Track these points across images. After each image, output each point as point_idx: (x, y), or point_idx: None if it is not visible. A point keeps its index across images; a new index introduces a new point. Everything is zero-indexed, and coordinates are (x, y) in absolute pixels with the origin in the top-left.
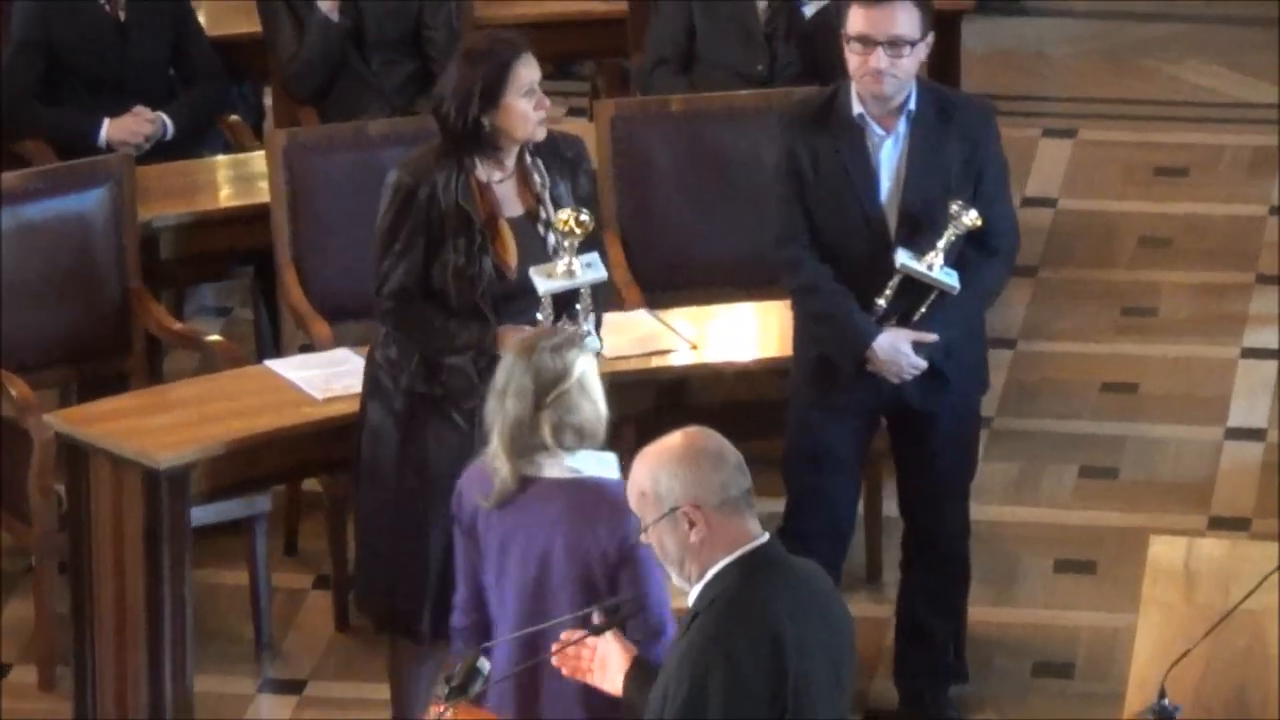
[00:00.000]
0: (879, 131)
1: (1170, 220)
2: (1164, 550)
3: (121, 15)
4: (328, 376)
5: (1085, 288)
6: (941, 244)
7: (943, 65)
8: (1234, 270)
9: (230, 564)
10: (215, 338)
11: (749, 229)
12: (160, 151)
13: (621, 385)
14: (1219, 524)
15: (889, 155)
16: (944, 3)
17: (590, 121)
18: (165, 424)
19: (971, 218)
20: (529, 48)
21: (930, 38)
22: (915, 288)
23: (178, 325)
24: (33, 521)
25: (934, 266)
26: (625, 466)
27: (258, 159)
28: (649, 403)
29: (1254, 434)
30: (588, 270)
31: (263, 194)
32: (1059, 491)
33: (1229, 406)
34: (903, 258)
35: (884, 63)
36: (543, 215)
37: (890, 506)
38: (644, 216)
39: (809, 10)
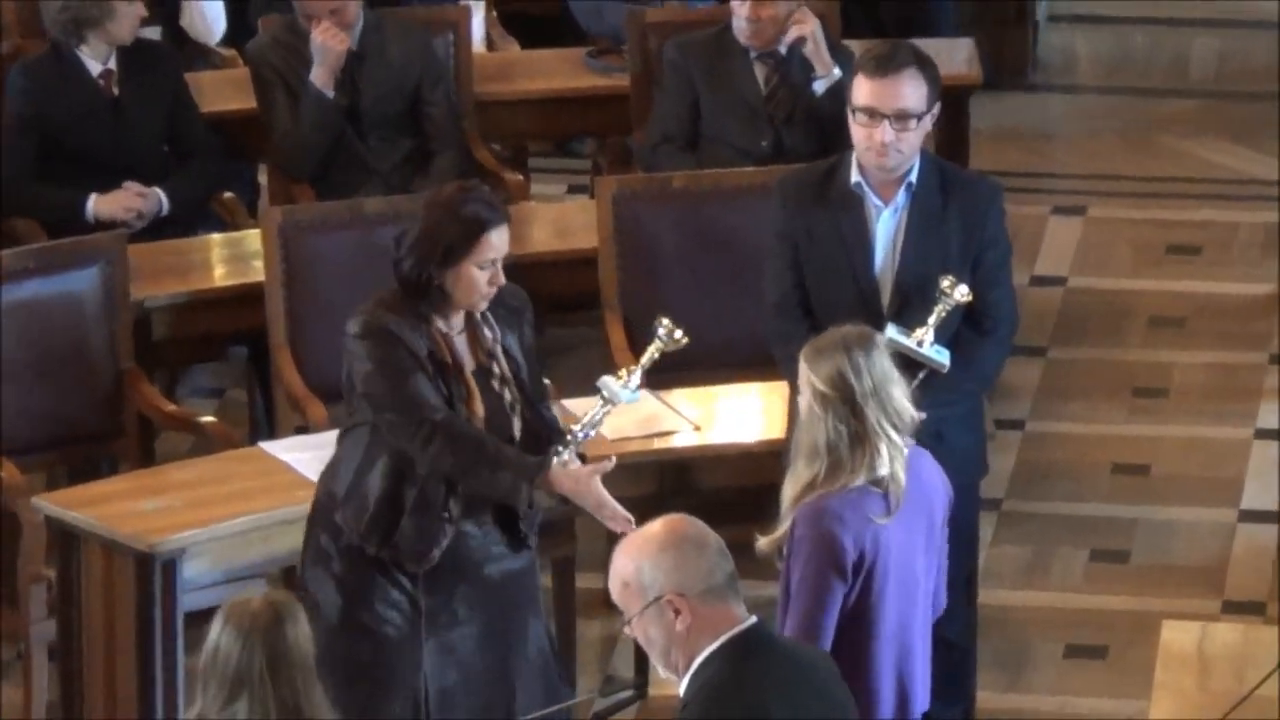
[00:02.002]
0: (877, 202)
1: (1182, 299)
2: (1177, 635)
3: (116, 90)
4: (323, 458)
5: (1096, 368)
6: (932, 320)
7: (951, 143)
8: (1247, 350)
9: None
10: (209, 419)
11: (754, 308)
12: (154, 230)
13: (624, 467)
14: (1233, 609)
15: (886, 227)
16: (952, 80)
17: (591, 199)
18: (158, 507)
19: (962, 293)
20: (508, 218)
21: (936, 109)
22: (905, 365)
23: (171, 407)
24: (22, 607)
25: (924, 343)
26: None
27: (253, 237)
28: (652, 485)
29: (1268, 516)
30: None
31: (258, 273)
32: (1070, 575)
33: (1243, 488)
34: (891, 332)
35: (889, 136)
36: (495, 370)
37: None
38: (646, 295)
39: (820, 87)
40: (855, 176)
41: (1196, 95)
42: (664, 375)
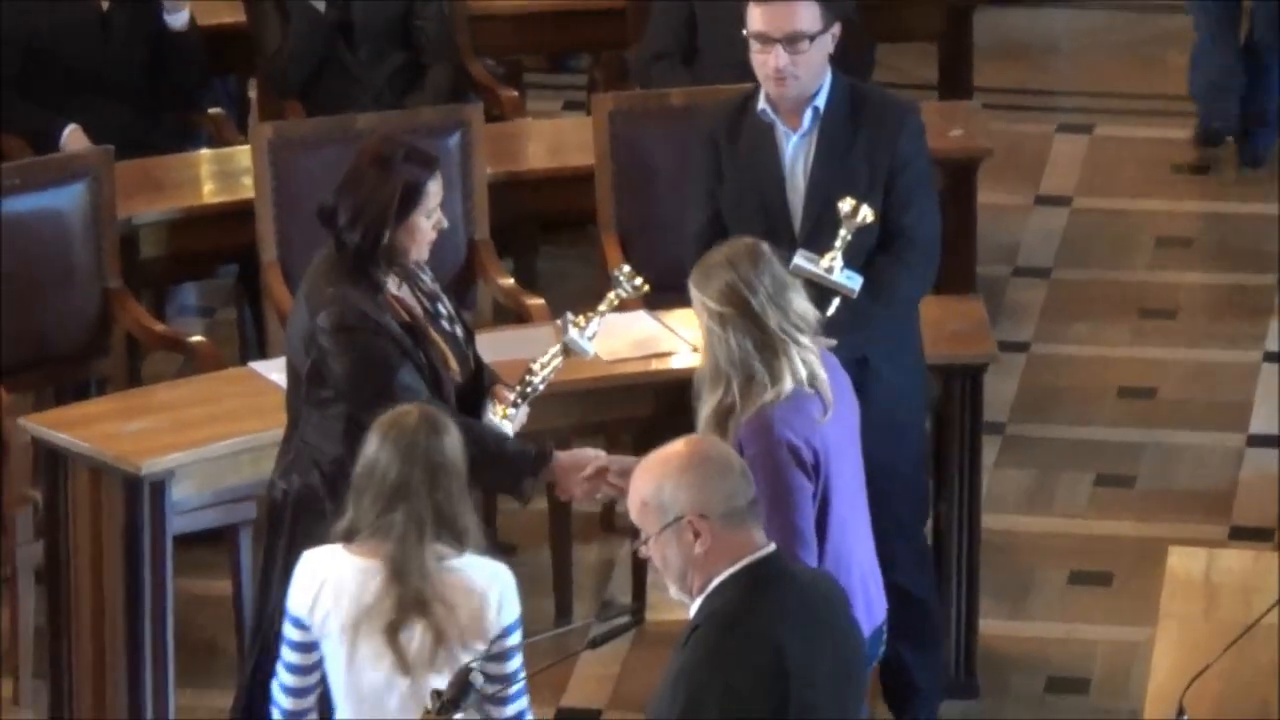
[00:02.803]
0: (784, 129)
1: (1189, 219)
2: (1183, 562)
3: (105, 4)
4: None
5: (1101, 289)
6: (836, 244)
7: (952, 59)
8: (1256, 271)
9: (213, 574)
10: (198, 339)
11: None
12: (141, 146)
13: (620, 389)
14: (1240, 534)
15: (796, 154)
16: None
17: (587, 116)
18: (146, 429)
19: (864, 216)
20: (439, 162)
21: (836, 28)
22: (820, 292)
23: (159, 327)
24: (8, 530)
25: (833, 270)
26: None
27: (242, 154)
28: (649, 407)
29: (1276, 441)
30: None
31: (247, 191)
32: (1074, 501)
33: (1250, 413)
34: (799, 259)
35: (784, 61)
36: (443, 311)
37: None
38: (643, 215)
39: None
40: (762, 103)
41: None
42: (662, 296)
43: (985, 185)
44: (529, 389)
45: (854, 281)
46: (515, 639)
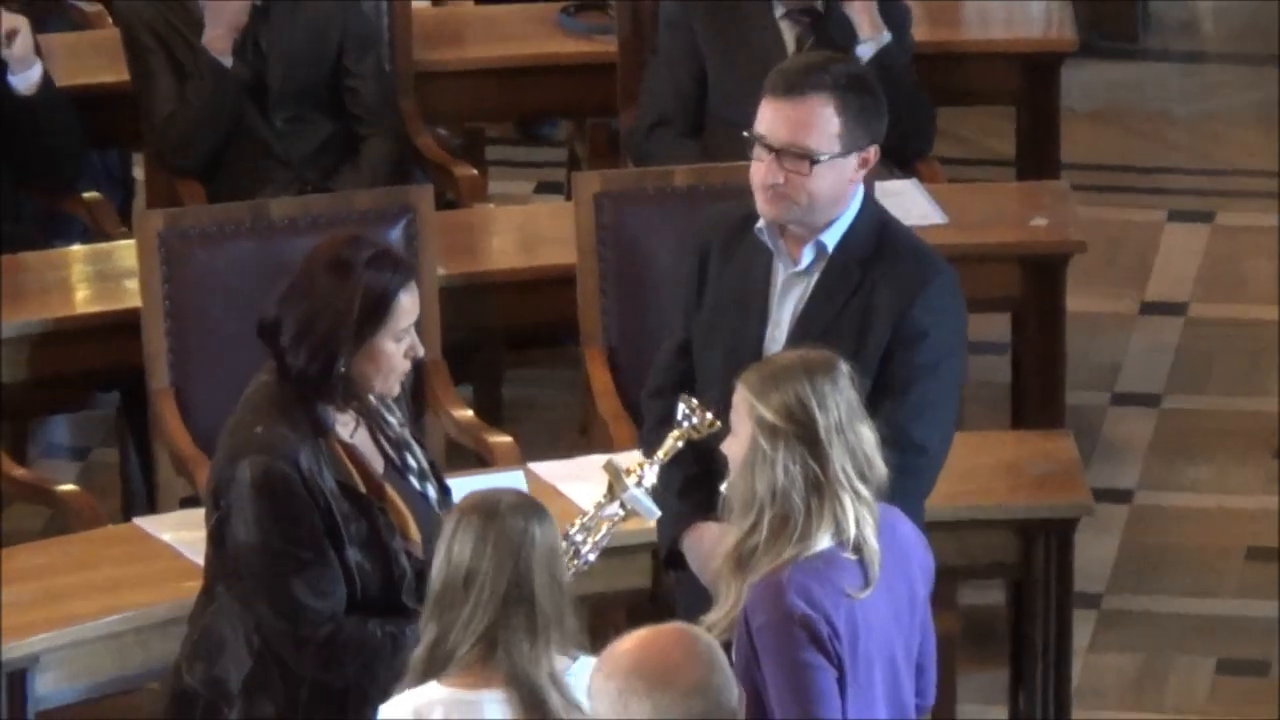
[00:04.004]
0: (784, 259)
1: None
2: None
3: None
4: None
5: (1225, 422)
6: (660, 454)
7: (1036, 126)
8: None
9: None
10: (69, 488)
11: None
12: None
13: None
14: None
15: (788, 291)
16: (1037, 45)
17: (567, 200)
18: (3, 603)
19: (706, 420)
20: (414, 271)
21: (871, 152)
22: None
23: (19, 471)
24: None
25: (643, 481)
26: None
27: (125, 250)
28: (647, 579)
29: None
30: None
31: (132, 297)
32: (1192, 692)
33: None
34: (617, 459)
35: (774, 175)
36: (411, 463)
37: None
38: (637, 327)
39: (865, 53)
40: (761, 221)
41: None
42: None
43: (1077, 288)
44: (576, 562)
45: (651, 505)
46: None
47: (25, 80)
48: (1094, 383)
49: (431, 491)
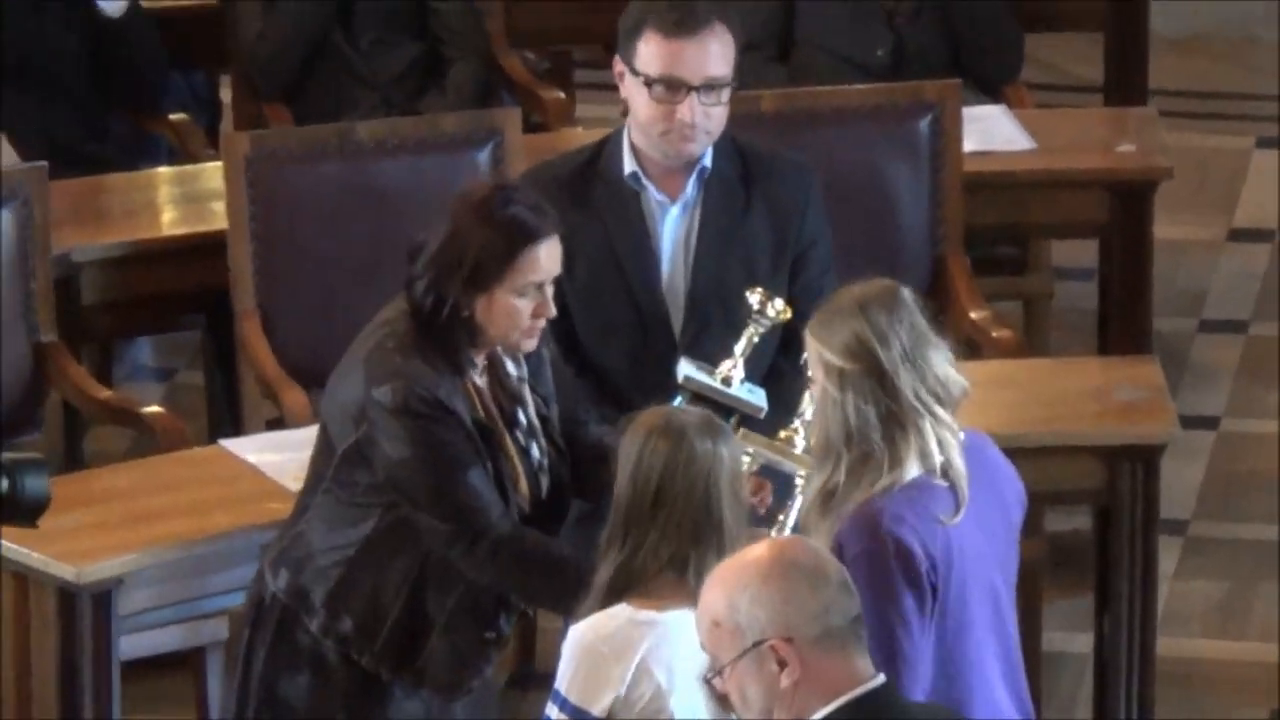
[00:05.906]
0: (659, 197)
1: None
2: None
3: None
4: (302, 460)
5: None
6: (739, 349)
7: (1123, 55)
8: None
9: (173, 708)
10: (154, 410)
11: (869, 263)
12: (83, 161)
13: None
14: None
15: (673, 228)
16: None
17: None
18: (87, 524)
19: (778, 309)
20: (560, 229)
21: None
22: (716, 411)
23: (105, 393)
24: None
25: (731, 380)
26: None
27: (211, 172)
28: None
29: None
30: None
31: (218, 219)
32: (1277, 620)
33: None
34: (686, 369)
35: (697, 114)
36: (522, 420)
37: None
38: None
39: None
40: (630, 165)
41: None
42: None
43: (1164, 215)
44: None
45: (757, 397)
46: None
47: (112, 5)
48: (1181, 309)
49: (535, 451)
